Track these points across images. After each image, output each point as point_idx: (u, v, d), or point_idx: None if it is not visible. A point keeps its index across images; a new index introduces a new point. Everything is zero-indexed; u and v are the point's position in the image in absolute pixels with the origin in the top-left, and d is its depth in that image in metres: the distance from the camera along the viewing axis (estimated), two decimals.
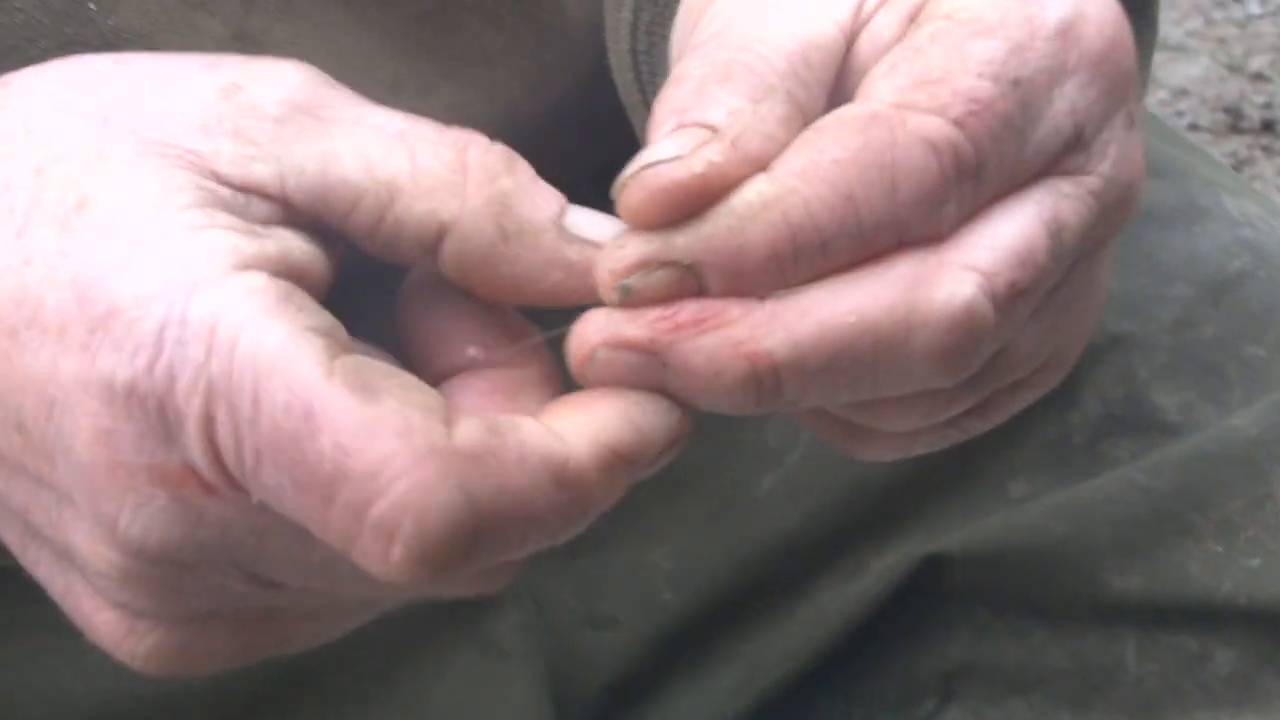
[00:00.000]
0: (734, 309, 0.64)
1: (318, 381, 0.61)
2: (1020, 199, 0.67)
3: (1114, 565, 1.03)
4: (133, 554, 0.64)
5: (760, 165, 0.65)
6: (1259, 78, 3.40)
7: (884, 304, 0.64)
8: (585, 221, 0.67)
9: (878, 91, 0.66)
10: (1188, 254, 1.07)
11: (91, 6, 0.86)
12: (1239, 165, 3.16)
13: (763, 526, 1.08)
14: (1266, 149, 3.22)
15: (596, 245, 0.66)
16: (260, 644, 0.69)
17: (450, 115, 0.96)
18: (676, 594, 1.07)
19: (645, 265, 0.64)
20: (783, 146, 0.65)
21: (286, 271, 0.64)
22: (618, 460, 0.64)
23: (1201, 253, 1.06)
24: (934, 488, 1.06)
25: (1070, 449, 1.05)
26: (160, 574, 0.65)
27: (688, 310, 0.64)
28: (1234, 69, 3.42)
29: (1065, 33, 0.68)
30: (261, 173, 0.65)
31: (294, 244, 0.66)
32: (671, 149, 0.65)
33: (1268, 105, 3.31)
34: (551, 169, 0.69)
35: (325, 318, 0.64)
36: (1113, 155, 0.69)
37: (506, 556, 0.63)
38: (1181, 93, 3.33)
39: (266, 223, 0.66)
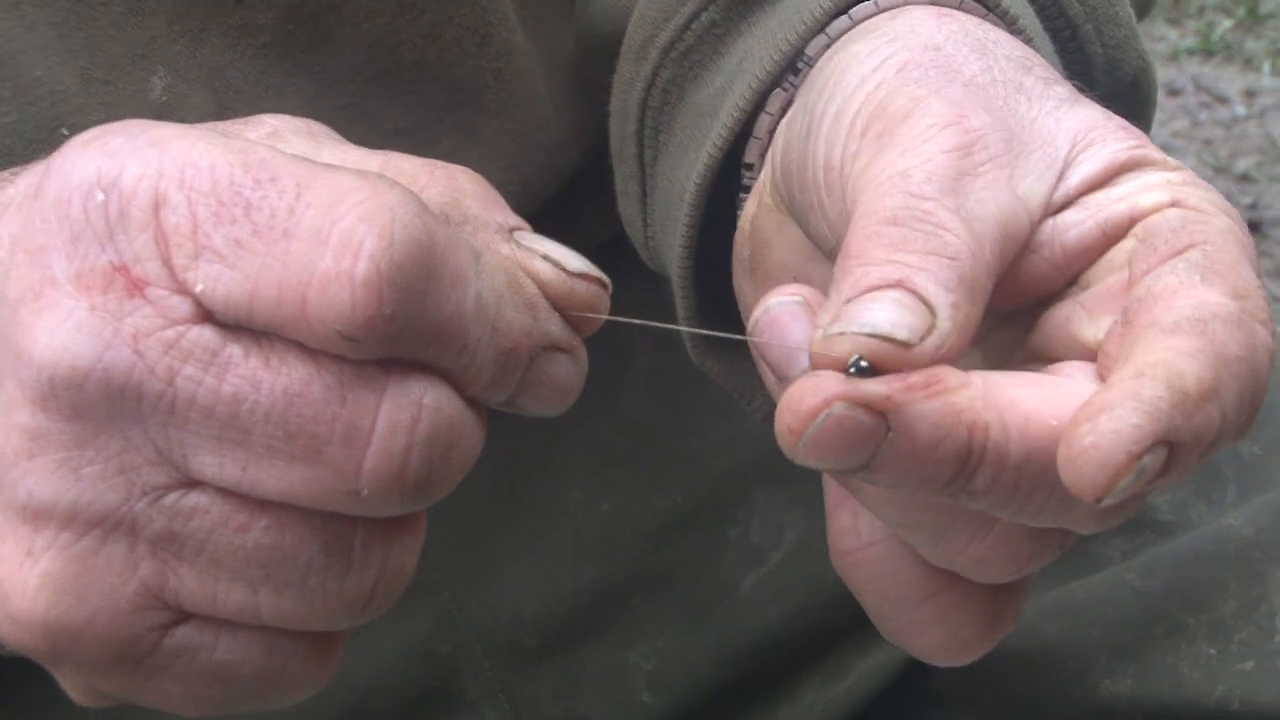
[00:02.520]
0: (952, 377, 0.63)
1: (276, 154, 0.63)
2: None
3: (1105, 668, 1.01)
4: (42, 395, 0.63)
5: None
6: (1245, 179, 3.41)
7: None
8: (535, 239, 0.69)
9: (1204, 295, 0.65)
10: None
11: (64, 132, 0.86)
12: None
13: (745, 625, 1.07)
14: None
15: (535, 253, 0.68)
16: (155, 587, 0.66)
17: None
18: (655, 695, 1.06)
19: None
20: None
21: None
22: (520, 281, 0.68)
23: None
24: None
25: None
26: (69, 434, 0.64)
27: (918, 375, 0.63)
28: (1220, 170, 3.43)
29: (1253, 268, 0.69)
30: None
31: None
32: (906, 325, 0.64)
33: (1254, 206, 3.32)
34: None
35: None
36: None
37: (447, 332, 0.64)
38: None
39: None
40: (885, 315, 0.64)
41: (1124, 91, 0.87)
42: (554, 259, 0.68)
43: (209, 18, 0.89)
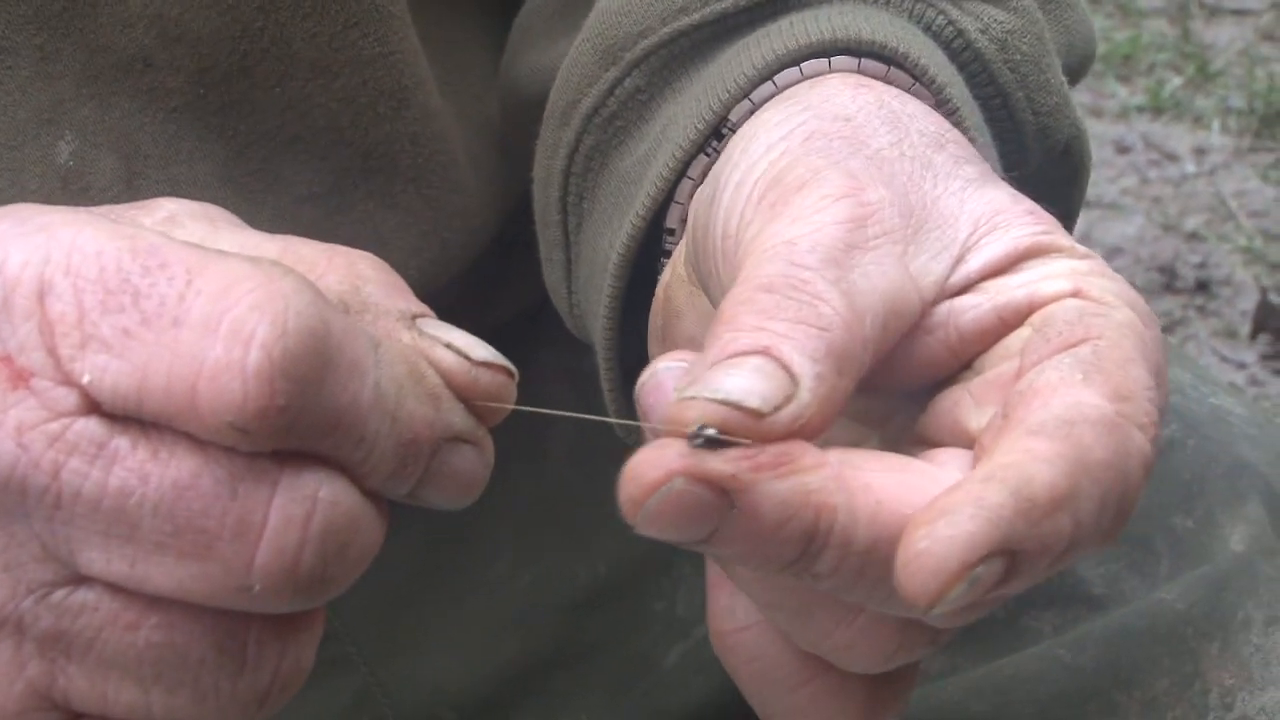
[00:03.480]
0: (807, 456, 0.62)
1: (166, 241, 0.62)
2: None
3: None
4: None
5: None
6: (1194, 237, 3.42)
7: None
8: (435, 325, 0.67)
9: (1083, 396, 0.64)
10: None
11: None
12: (1173, 325, 3.16)
13: (670, 698, 1.06)
14: (1201, 309, 3.23)
15: (438, 341, 0.67)
16: (43, 687, 0.63)
17: None
18: None
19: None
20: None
21: None
22: (420, 370, 0.66)
23: None
24: None
25: (991, 622, 1.02)
26: None
27: (769, 452, 0.62)
28: (1169, 228, 3.44)
29: (1156, 371, 0.68)
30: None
31: None
32: (758, 393, 0.62)
33: (1202, 265, 3.33)
34: None
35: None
36: None
37: (344, 423, 0.62)
38: (1116, 251, 3.34)
39: None
40: (740, 382, 0.62)
41: (1056, 159, 0.86)
42: (457, 347, 0.67)
43: (118, 81, 0.88)
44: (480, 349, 0.67)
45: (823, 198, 0.69)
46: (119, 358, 0.60)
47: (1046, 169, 0.86)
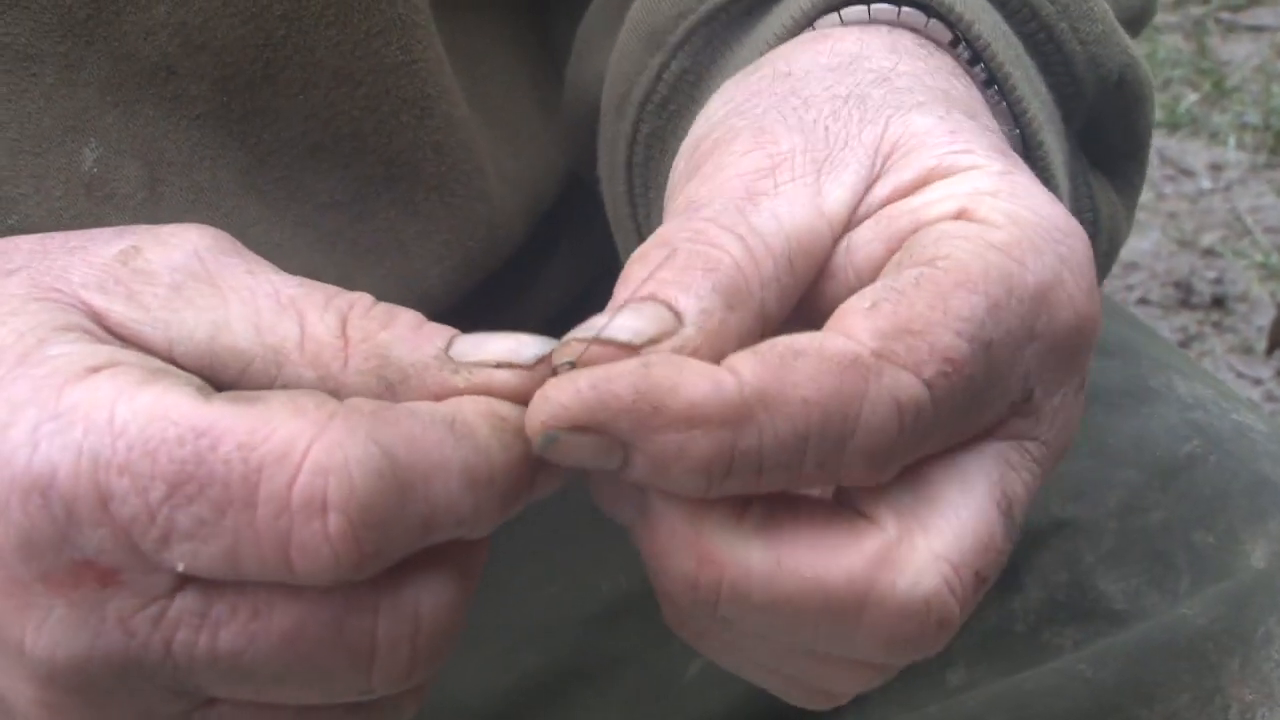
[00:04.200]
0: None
1: (200, 406, 0.61)
2: (970, 470, 0.67)
3: None
4: (45, 679, 0.63)
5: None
6: (1210, 253, 3.41)
7: (844, 571, 0.64)
8: (471, 347, 0.66)
9: (857, 328, 0.64)
10: (1136, 437, 1.04)
11: None
12: (1189, 341, 3.16)
13: (691, 711, 1.05)
14: (1216, 324, 3.22)
15: (485, 366, 0.66)
16: None
17: None
18: None
19: (579, 428, 0.63)
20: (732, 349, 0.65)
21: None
22: (506, 424, 0.64)
23: (1151, 436, 1.04)
24: None
25: (1011, 636, 1.02)
26: (82, 702, 0.64)
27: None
28: (1185, 244, 3.43)
29: (1041, 297, 0.67)
30: (150, 337, 0.65)
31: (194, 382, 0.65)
32: (630, 328, 0.64)
33: (1218, 281, 3.32)
34: None
35: (201, 383, 0.64)
36: (1060, 423, 0.70)
37: (439, 520, 0.62)
38: (1132, 266, 3.34)
39: None
40: (616, 321, 0.64)
41: (1111, 91, 0.85)
42: (506, 361, 0.66)
43: (142, 88, 0.88)
44: (527, 347, 0.66)
45: (730, 154, 0.70)
46: (205, 543, 0.61)
47: (1105, 102, 0.86)
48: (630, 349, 0.63)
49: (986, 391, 0.66)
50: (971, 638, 1.01)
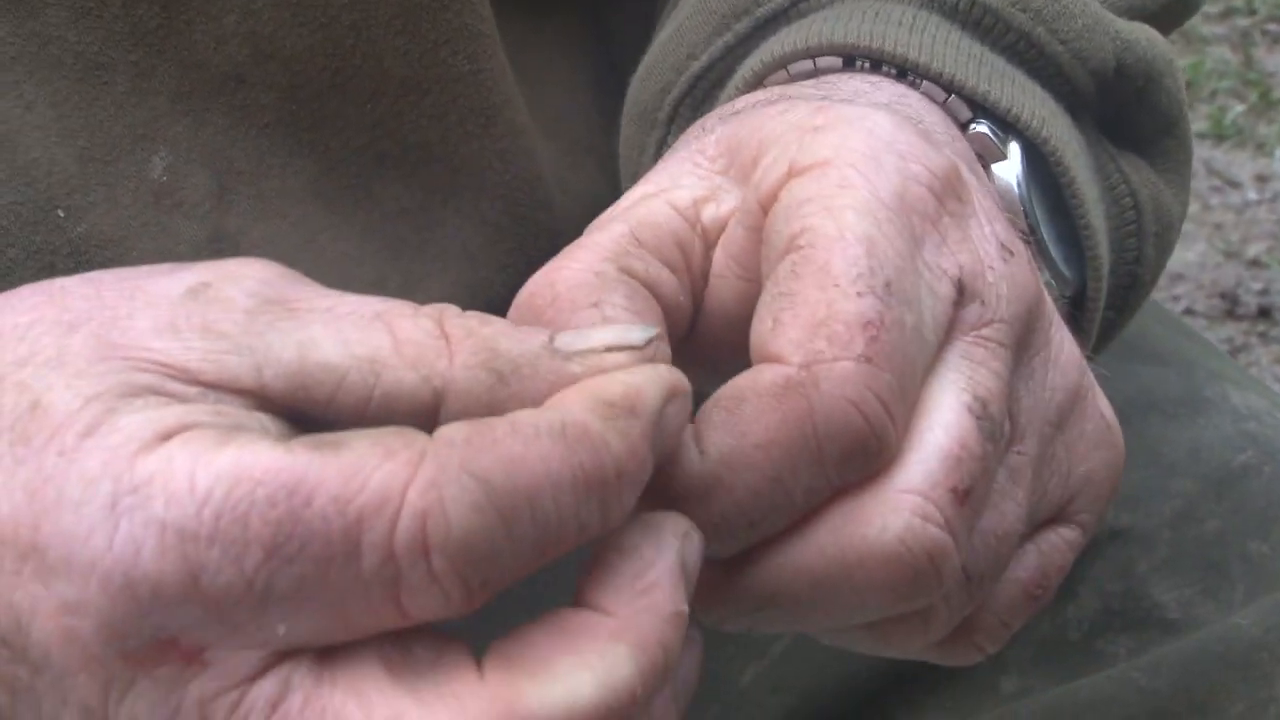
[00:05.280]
0: None
1: (283, 459, 0.58)
2: (936, 387, 0.66)
3: None
4: None
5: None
6: (1255, 264, 3.40)
7: (814, 547, 0.64)
8: (575, 337, 0.64)
9: (776, 349, 0.65)
10: (1191, 447, 1.04)
11: (60, 214, 0.86)
12: (1235, 351, 3.15)
13: (745, 718, 1.05)
14: (1263, 335, 3.21)
15: (596, 351, 0.63)
16: None
17: None
18: None
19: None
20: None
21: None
22: (616, 409, 0.61)
23: (1205, 446, 1.04)
24: (923, 682, 1.03)
25: (1065, 645, 1.02)
26: None
27: None
28: (1231, 255, 3.43)
29: (898, 203, 0.67)
30: (236, 365, 0.62)
31: (268, 435, 0.62)
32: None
33: (1264, 291, 3.31)
34: None
35: (275, 430, 0.61)
36: (1004, 291, 0.69)
37: (556, 536, 0.59)
38: (1178, 278, 3.33)
39: (242, 409, 0.62)
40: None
41: (1112, 82, 0.86)
42: (617, 345, 0.64)
43: (211, 97, 0.88)
44: (638, 332, 0.65)
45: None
46: (308, 603, 0.58)
47: (1111, 90, 0.86)
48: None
49: (918, 317, 0.66)
50: (1025, 646, 1.02)
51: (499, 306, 0.97)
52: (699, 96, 0.87)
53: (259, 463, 0.58)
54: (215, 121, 0.89)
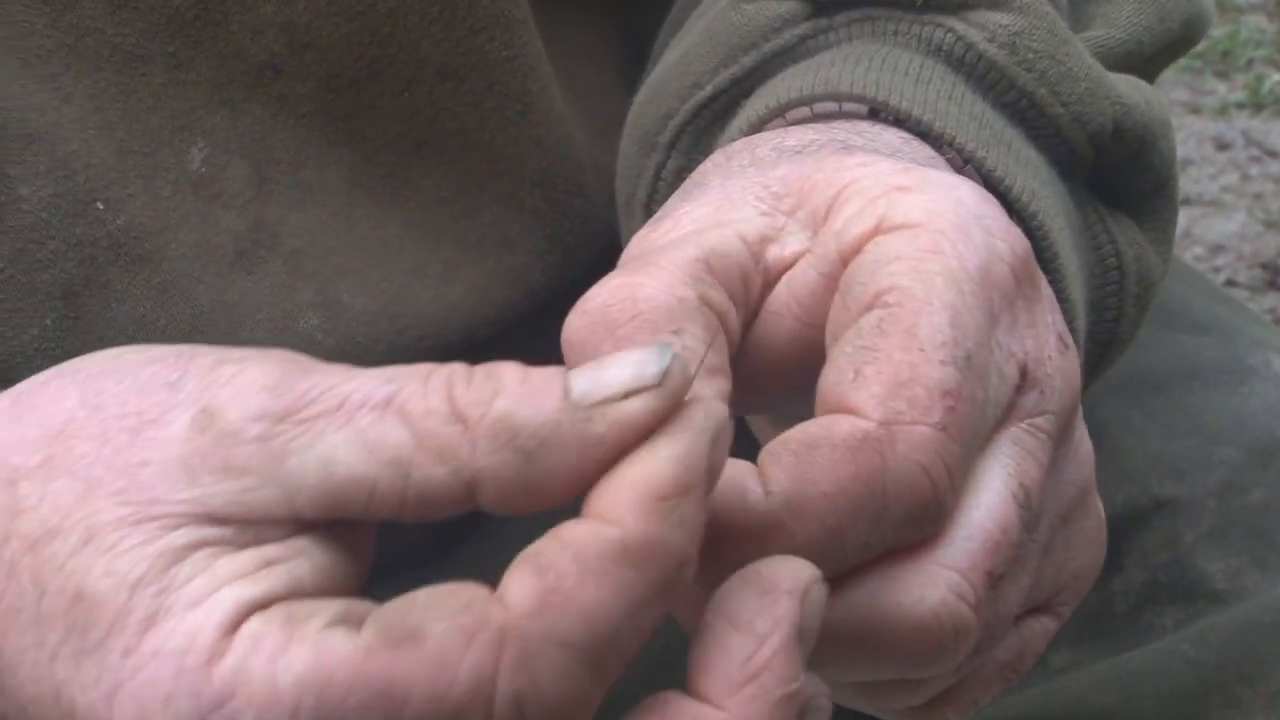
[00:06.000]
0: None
1: (367, 658, 0.56)
2: (986, 468, 0.67)
3: None
4: None
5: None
6: None
7: (848, 604, 0.64)
8: (590, 383, 0.60)
9: (855, 402, 0.64)
10: (1236, 415, 1.04)
11: (99, 206, 0.86)
12: (1277, 322, 3.13)
13: None
14: None
15: (615, 399, 0.59)
16: None
17: (472, 299, 0.97)
18: None
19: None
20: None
21: (300, 592, 0.59)
22: (669, 501, 0.58)
23: (1250, 414, 1.04)
24: None
25: (1113, 617, 1.02)
26: None
27: None
28: (1271, 224, 3.41)
29: (984, 277, 0.67)
30: (265, 500, 0.60)
31: (310, 559, 0.61)
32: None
33: None
34: None
35: (336, 607, 0.59)
36: (1059, 384, 0.69)
37: (635, 650, 0.57)
38: (1218, 248, 3.32)
39: (281, 539, 0.60)
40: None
41: (1108, 145, 0.85)
42: (635, 388, 0.60)
43: (250, 88, 0.89)
44: (647, 365, 0.61)
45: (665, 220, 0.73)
46: None
47: (1108, 155, 0.86)
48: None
49: (988, 395, 0.66)
50: (1073, 619, 1.01)
51: (535, 292, 0.98)
52: (701, 125, 0.86)
53: (341, 661, 0.56)
54: (253, 112, 0.89)
